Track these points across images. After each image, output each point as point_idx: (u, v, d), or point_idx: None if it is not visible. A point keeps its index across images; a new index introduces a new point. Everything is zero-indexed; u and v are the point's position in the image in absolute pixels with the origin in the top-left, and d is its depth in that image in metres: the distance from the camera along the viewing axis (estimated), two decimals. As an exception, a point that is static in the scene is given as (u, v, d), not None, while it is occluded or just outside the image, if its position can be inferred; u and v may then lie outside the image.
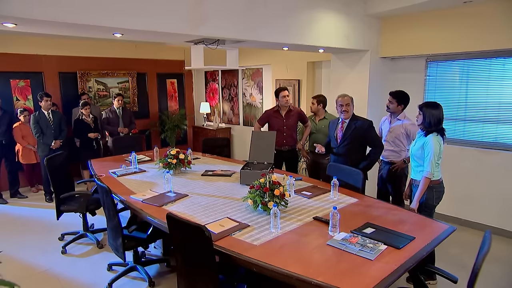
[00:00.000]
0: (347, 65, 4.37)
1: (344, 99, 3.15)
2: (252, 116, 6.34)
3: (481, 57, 3.67)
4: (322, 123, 4.02)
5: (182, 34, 2.75)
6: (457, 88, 3.92)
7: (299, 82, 5.33)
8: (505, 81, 3.55)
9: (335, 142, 3.26)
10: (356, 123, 3.15)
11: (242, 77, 6.46)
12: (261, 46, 3.93)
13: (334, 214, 1.93)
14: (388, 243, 1.82)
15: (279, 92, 3.93)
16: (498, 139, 3.63)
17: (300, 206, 2.40)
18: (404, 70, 4.33)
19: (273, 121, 3.99)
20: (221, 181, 3.03)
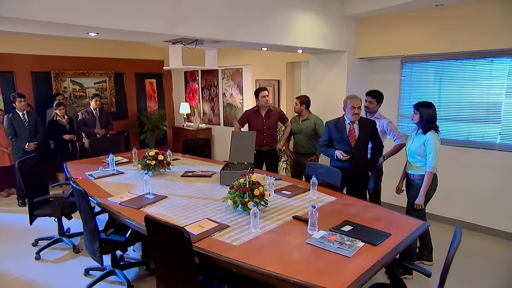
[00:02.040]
0: (326, 65, 4.42)
1: (356, 101, 2.98)
2: (233, 116, 6.33)
3: (453, 58, 3.81)
4: (305, 123, 4.04)
5: (160, 34, 2.70)
6: (431, 88, 4.05)
7: (279, 82, 5.35)
8: (476, 82, 3.69)
9: (347, 146, 3.03)
10: (364, 122, 3.06)
11: (222, 77, 6.43)
12: (240, 46, 3.92)
13: (313, 213, 1.95)
14: (365, 240, 1.86)
15: (258, 92, 3.94)
16: (470, 138, 3.77)
17: (280, 206, 2.41)
18: (381, 70, 4.44)
19: (253, 121, 3.99)
20: (201, 182, 3.01)
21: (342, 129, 3.06)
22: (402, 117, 4.36)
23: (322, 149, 3.21)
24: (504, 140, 3.58)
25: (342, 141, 3.05)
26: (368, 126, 3.05)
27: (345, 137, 3.03)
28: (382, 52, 4.13)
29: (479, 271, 3.01)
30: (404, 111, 4.33)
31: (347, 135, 3.03)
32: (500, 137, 3.60)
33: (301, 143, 4.05)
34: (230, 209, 2.31)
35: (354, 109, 2.96)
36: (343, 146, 3.04)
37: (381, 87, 4.39)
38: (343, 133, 3.04)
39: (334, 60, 4.32)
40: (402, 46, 3.93)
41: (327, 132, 3.14)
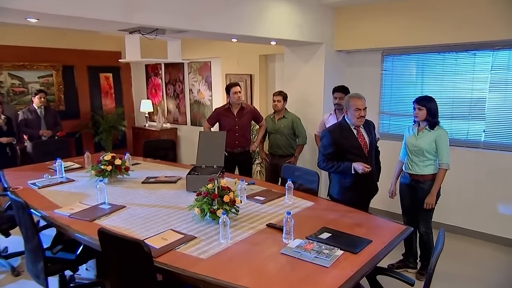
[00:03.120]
0: (301, 58, 4.50)
1: (361, 101, 2.73)
2: (201, 115, 6.30)
3: (436, 51, 3.98)
4: (282, 122, 4.08)
5: (114, 21, 2.63)
6: (413, 82, 4.22)
7: (251, 77, 5.38)
8: (459, 77, 3.88)
9: (360, 157, 2.76)
10: (367, 125, 2.90)
11: (188, 72, 6.38)
12: (206, 37, 3.91)
13: (288, 220, 1.97)
14: (345, 248, 1.90)
15: (230, 88, 3.94)
16: (453, 136, 3.95)
17: (253, 213, 2.43)
18: (360, 64, 4.56)
19: (224, 120, 3.99)
20: (164, 188, 2.97)
21: (351, 135, 2.77)
22: (384, 114, 4.51)
23: (325, 165, 2.81)
24: (489, 138, 3.78)
25: (354, 150, 2.76)
26: (371, 128, 2.91)
27: (358, 145, 2.76)
28: (361, 45, 4.25)
29: (466, 276, 3.17)
30: (386, 108, 4.48)
31: (359, 142, 2.78)
32: (484, 134, 3.80)
33: (277, 144, 4.09)
34: (197, 218, 2.29)
35: (359, 111, 2.71)
36: (355, 156, 2.75)
37: (361, 82, 4.56)
38: (354, 141, 2.77)
39: (310, 53, 4.40)
40: (382, 38, 4.06)
41: (331, 143, 2.76)
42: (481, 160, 3.81)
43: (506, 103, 3.63)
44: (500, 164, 3.69)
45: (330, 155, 2.79)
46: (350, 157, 2.74)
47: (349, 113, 2.75)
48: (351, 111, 2.73)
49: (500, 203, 3.73)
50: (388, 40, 4.03)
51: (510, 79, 3.56)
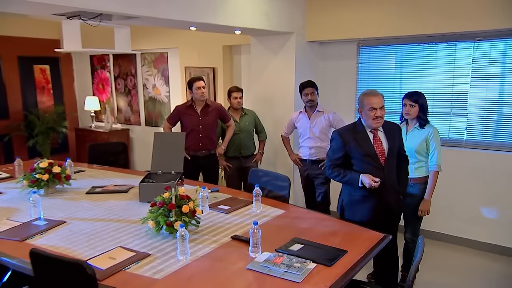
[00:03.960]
0: (270, 50, 4.55)
1: (377, 98, 2.55)
2: (157, 114, 6.23)
3: (414, 42, 4.15)
4: (246, 120, 4.19)
5: (46, 3, 2.53)
6: (391, 76, 4.37)
7: (214, 70, 5.38)
8: (439, 70, 4.06)
9: (374, 165, 2.60)
10: (389, 128, 2.72)
11: (141, 64, 6.30)
12: (160, 24, 3.86)
13: (255, 231, 1.99)
14: (318, 260, 1.94)
15: (192, 82, 3.94)
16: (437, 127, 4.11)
17: (216, 224, 2.44)
18: (335, 56, 4.68)
19: (186, 120, 3.98)
20: (113, 199, 2.94)
21: (365, 140, 2.61)
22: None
23: (331, 172, 2.69)
24: (471, 136, 3.98)
25: (367, 158, 2.60)
26: (394, 132, 2.71)
27: (373, 152, 2.60)
28: (335, 35, 4.35)
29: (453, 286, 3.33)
30: (363, 104, 4.61)
31: (374, 149, 2.61)
32: (466, 132, 4.00)
33: (244, 144, 4.18)
34: (152, 233, 2.27)
35: (375, 111, 2.53)
36: (368, 165, 2.59)
37: (336, 76, 4.66)
38: (368, 147, 2.60)
39: (279, 43, 4.46)
40: (358, 28, 4.18)
41: (341, 146, 2.62)
42: (463, 160, 4.01)
43: (488, 99, 3.83)
44: (483, 165, 3.89)
45: (339, 160, 2.65)
46: (362, 165, 2.59)
47: (363, 114, 2.60)
48: (365, 111, 2.57)
49: (484, 206, 3.93)
50: (364, 30, 4.15)
51: (491, 72, 3.78)
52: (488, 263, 3.72)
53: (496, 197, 3.85)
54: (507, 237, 3.82)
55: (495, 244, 3.88)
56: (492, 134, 3.87)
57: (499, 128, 3.83)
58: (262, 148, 4.39)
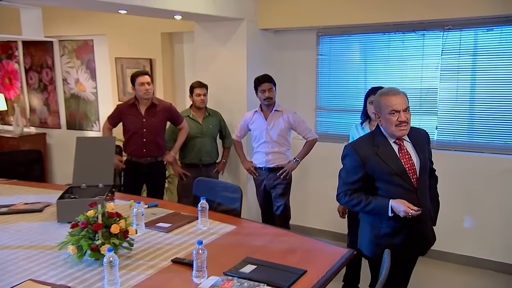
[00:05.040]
0: (217, 39, 4.55)
1: (400, 98, 2.30)
2: (82, 114, 6.09)
3: (379, 31, 4.32)
4: (210, 122, 4.19)
5: None
6: (355, 69, 4.52)
7: (152, 62, 5.31)
8: (407, 62, 4.24)
9: (405, 188, 2.34)
10: (415, 136, 2.46)
11: (60, 54, 6.13)
12: (79, 5, 3.74)
13: (199, 252, 1.97)
14: (273, 283, 1.95)
15: (135, 77, 3.91)
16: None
17: (154, 246, 2.41)
18: (291, 46, 4.76)
19: (128, 121, 3.95)
20: (24, 221, 2.84)
21: (390, 154, 2.35)
22: (321, 110, 4.75)
23: (349, 200, 2.42)
24: (442, 136, 4.18)
25: (395, 178, 2.33)
26: (423, 142, 2.48)
27: (402, 169, 2.33)
28: (291, 22, 4.43)
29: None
30: (323, 101, 4.73)
31: (403, 165, 2.34)
32: (437, 132, 4.20)
33: (206, 150, 4.18)
34: (72, 260, 2.19)
35: (398, 115, 2.27)
36: (396, 188, 2.33)
37: (293, 69, 4.74)
38: (396, 163, 2.33)
39: (228, 31, 4.48)
40: (317, 15, 4.27)
41: (359, 165, 2.36)
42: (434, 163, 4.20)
43: (459, 95, 4.05)
44: (456, 167, 4.08)
45: (357, 184, 2.39)
46: (389, 188, 2.34)
47: (382, 120, 2.34)
48: (384, 116, 2.31)
49: (460, 215, 4.10)
50: (324, 17, 4.26)
51: (462, 65, 3.99)
52: (467, 277, 3.90)
53: (473, 203, 4.03)
54: (489, 250, 3.97)
55: (476, 257, 4.03)
56: (464, 133, 4.09)
57: (471, 127, 4.06)
58: (226, 156, 4.40)
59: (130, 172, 3.92)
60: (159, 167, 4.08)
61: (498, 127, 3.91)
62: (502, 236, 3.89)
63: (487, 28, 3.81)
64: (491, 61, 3.85)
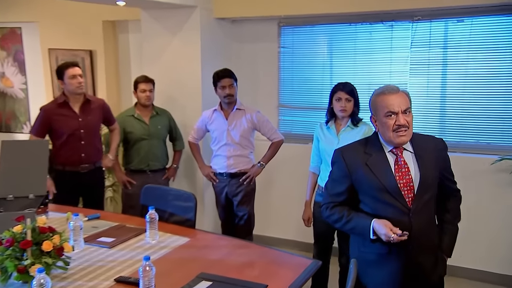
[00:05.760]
0: (167, 28, 4.50)
1: (398, 97, 2.14)
2: (9, 114, 5.95)
3: (345, 21, 4.38)
4: (158, 122, 4.13)
5: None
6: (320, 62, 4.58)
7: (92, 54, 5.21)
8: (375, 56, 4.33)
9: (396, 206, 2.15)
10: (422, 145, 2.27)
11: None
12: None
13: (146, 269, 1.94)
14: (230, 300, 1.95)
15: (64, 70, 3.75)
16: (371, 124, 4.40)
17: (95, 263, 2.36)
18: (251, 38, 4.78)
19: (60, 123, 3.77)
20: None
21: (381, 165, 2.19)
22: (285, 108, 4.79)
23: (330, 214, 2.31)
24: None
25: (383, 195, 2.17)
26: (431, 152, 2.25)
27: (393, 185, 2.15)
28: (250, 11, 4.44)
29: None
30: (286, 99, 4.77)
31: (395, 180, 2.16)
32: (407, 130, 4.34)
33: (154, 154, 4.12)
34: (-4, 284, 2.11)
35: (395, 118, 2.11)
36: (385, 207, 2.17)
37: (253, 63, 4.75)
38: (386, 176, 2.17)
39: (179, 20, 4.43)
40: (278, 3, 4.30)
41: (345, 174, 2.26)
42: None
43: (429, 90, 4.18)
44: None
45: (341, 196, 2.28)
46: (376, 206, 2.20)
47: (379, 125, 2.20)
48: (380, 119, 2.17)
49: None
50: (285, 6, 4.29)
51: (432, 58, 4.12)
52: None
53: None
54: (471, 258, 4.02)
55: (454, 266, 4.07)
56: (435, 132, 4.19)
57: (442, 125, 4.20)
58: (177, 161, 4.33)
59: (64, 186, 3.71)
60: (99, 174, 4.00)
61: (471, 125, 4.05)
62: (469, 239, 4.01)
63: (457, 19, 3.95)
64: (462, 55, 3.99)
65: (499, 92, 3.89)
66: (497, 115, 3.92)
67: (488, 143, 3.98)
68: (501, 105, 3.90)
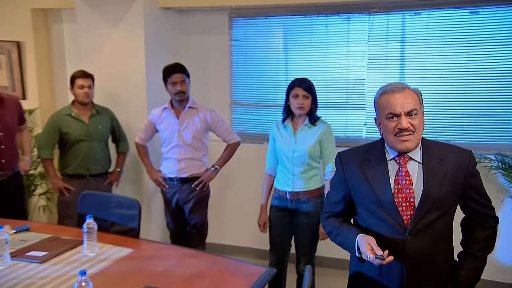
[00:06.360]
0: (106, 18, 4.40)
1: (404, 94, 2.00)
2: None
3: (300, 13, 4.42)
4: (98, 121, 4.04)
5: None
6: (275, 57, 4.59)
7: (20, 46, 5.03)
8: (332, 50, 4.37)
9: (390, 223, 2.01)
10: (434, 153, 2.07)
11: None
12: None
13: (82, 285, 1.90)
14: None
15: None
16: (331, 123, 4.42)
17: (22, 281, 2.28)
18: (200, 30, 4.74)
19: None
20: None
21: (379, 174, 2.07)
22: (238, 105, 4.78)
23: (325, 224, 2.26)
24: (371, 133, 4.36)
25: (377, 210, 2.05)
26: (451, 165, 2.04)
27: (388, 199, 2.01)
28: (198, 1, 4.41)
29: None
30: (239, 95, 4.76)
31: (391, 193, 2.02)
32: (366, 128, 4.39)
33: (95, 157, 4.03)
34: None
35: (396, 121, 1.98)
36: (380, 223, 2.05)
37: (203, 57, 4.73)
38: (381, 187, 2.04)
39: (120, 9, 4.34)
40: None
41: (342, 180, 2.18)
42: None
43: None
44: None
45: (339, 206, 2.21)
46: (370, 220, 2.10)
47: (382, 128, 2.08)
48: (382, 123, 2.05)
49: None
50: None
51: (390, 53, 4.20)
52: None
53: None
54: None
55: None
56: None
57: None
58: (121, 164, 4.22)
59: None
60: (20, 180, 3.88)
61: (431, 123, 4.13)
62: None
63: (414, 12, 4.05)
64: (420, 49, 4.08)
65: (458, 87, 4.00)
66: (456, 111, 4.05)
67: (447, 141, 4.07)
68: (461, 100, 4.02)
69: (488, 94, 3.93)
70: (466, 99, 4.00)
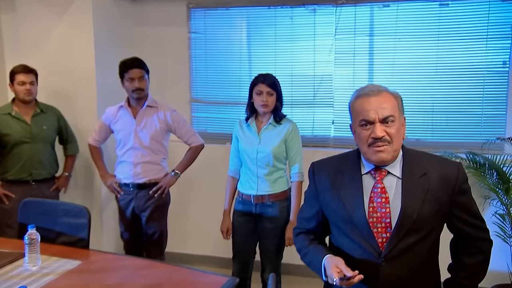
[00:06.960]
0: (49, 8, 4.32)
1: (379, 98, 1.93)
2: None
3: (263, 4, 4.43)
4: (42, 121, 3.97)
5: None
6: (237, 51, 4.60)
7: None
8: (298, 44, 4.40)
9: (362, 245, 1.92)
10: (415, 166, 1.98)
11: None
12: None
13: (23, 302, 1.82)
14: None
15: None
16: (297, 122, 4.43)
17: None
18: (156, 21, 4.71)
19: None
20: None
21: (351, 190, 1.99)
22: (198, 103, 4.77)
23: (296, 241, 2.21)
24: (339, 132, 4.43)
25: (350, 230, 1.97)
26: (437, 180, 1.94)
27: (361, 219, 1.93)
28: (153, -11, 4.39)
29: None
30: (199, 92, 4.75)
31: (365, 213, 1.93)
32: (334, 127, 4.44)
33: (40, 160, 3.96)
34: None
35: (370, 128, 1.91)
36: (353, 245, 1.97)
37: (159, 51, 4.71)
38: (355, 207, 1.95)
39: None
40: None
41: (313, 197, 2.13)
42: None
43: (356, 82, 4.29)
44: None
45: (311, 222, 2.14)
46: (342, 240, 2.02)
47: (355, 136, 2.01)
48: (357, 131, 1.98)
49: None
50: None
51: (358, 47, 4.25)
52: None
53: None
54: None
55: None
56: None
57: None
58: (69, 168, 4.14)
59: None
60: None
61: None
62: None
63: (383, 4, 4.12)
64: (389, 42, 4.15)
65: (427, 82, 4.09)
66: (426, 107, 4.12)
67: (417, 139, 4.19)
68: (430, 96, 4.10)
69: (458, 90, 4.03)
70: (436, 95, 4.09)
